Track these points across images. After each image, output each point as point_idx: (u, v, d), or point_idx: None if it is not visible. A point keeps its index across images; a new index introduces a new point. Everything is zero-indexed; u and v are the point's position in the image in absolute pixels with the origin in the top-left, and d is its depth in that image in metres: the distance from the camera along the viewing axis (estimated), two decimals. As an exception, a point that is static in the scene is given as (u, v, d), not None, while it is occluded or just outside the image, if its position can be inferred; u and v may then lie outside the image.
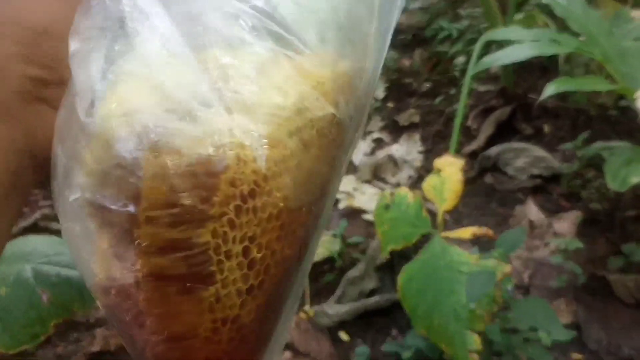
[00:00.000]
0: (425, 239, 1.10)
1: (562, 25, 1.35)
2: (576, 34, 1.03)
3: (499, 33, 1.04)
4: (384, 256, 1.15)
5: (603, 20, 1.01)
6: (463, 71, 1.60)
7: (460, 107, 1.29)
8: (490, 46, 1.43)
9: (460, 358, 0.93)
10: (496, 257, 0.92)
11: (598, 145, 1.25)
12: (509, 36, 1.00)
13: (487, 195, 1.40)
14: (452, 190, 1.12)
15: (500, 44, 1.29)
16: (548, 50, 0.92)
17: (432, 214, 1.13)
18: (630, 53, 0.99)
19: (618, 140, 1.26)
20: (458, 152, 1.50)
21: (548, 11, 1.44)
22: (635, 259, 1.09)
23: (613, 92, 1.38)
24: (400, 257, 1.15)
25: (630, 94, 0.88)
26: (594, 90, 1.40)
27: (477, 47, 1.27)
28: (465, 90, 1.28)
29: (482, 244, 1.18)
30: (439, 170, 1.16)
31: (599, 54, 0.94)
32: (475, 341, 0.93)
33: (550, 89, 0.87)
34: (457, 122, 1.29)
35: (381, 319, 1.14)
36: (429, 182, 1.15)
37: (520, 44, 0.96)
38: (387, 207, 1.17)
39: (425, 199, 1.15)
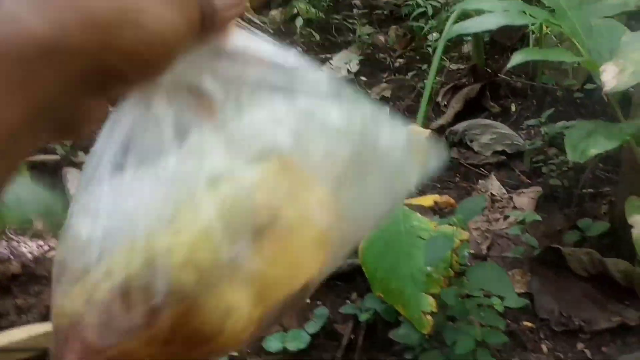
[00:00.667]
0: (388, 205, 1.11)
1: (536, 3, 1.36)
2: (550, 10, 1.04)
3: (472, 3, 1.05)
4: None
5: (573, -4, 1.01)
6: (436, 48, 1.61)
7: (428, 81, 1.29)
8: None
9: (415, 319, 0.94)
10: (455, 224, 0.93)
11: (561, 124, 1.27)
12: (481, 6, 1.00)
13: (452, 169, 1.41)
14: (417, 159, 1.12)
15: (473, 19, 1.30)
16: (517, 20, 0.93)
17: (397, 183, 1.13)
18: (598, 30, 1.00)
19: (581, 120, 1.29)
20: (427, 126, 1.51)
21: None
22: (590, 234, 1.11)
23: (580, 74, 1.41)
24: (363, 223, 1.16)
25: (595, 68, 0.90)
26: (561, 72, 1.43)
27: (451, 19, 1.28)
28: (434, 64, 1.28)
29: (444, 215, 1.19)
30: (405, 140, 1.16)
31: (567, 28, 0.95)
32: (430, 304, 0.94)
33: (517, 58, 0.88)
34: (425, 95, 1.29)
35: (342, 284, 1.15)
36: (395, 151, 1.16)
37: (491, 13, 0.96)
38: (352, 174, 1.17)
39: (390, 168, 1.16)
